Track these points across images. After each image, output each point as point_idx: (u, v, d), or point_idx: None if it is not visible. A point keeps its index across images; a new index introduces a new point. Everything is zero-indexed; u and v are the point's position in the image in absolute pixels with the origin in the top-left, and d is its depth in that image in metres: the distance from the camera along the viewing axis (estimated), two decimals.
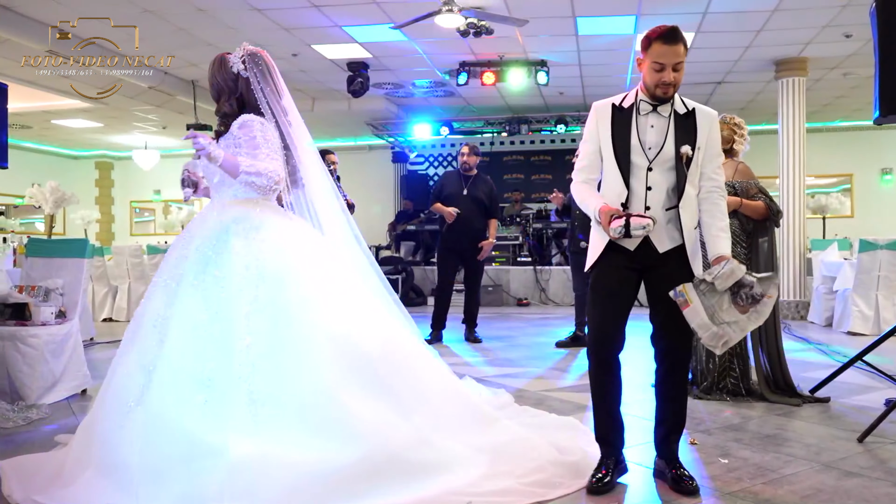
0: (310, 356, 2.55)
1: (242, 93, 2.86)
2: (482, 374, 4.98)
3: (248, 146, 2.76)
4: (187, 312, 2.57)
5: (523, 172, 14.73)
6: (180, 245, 2.79)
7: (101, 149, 15.93)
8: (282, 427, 2.43)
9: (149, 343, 2.57)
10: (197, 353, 2.50)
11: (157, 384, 2.47)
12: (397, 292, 10.73)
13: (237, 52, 2.91)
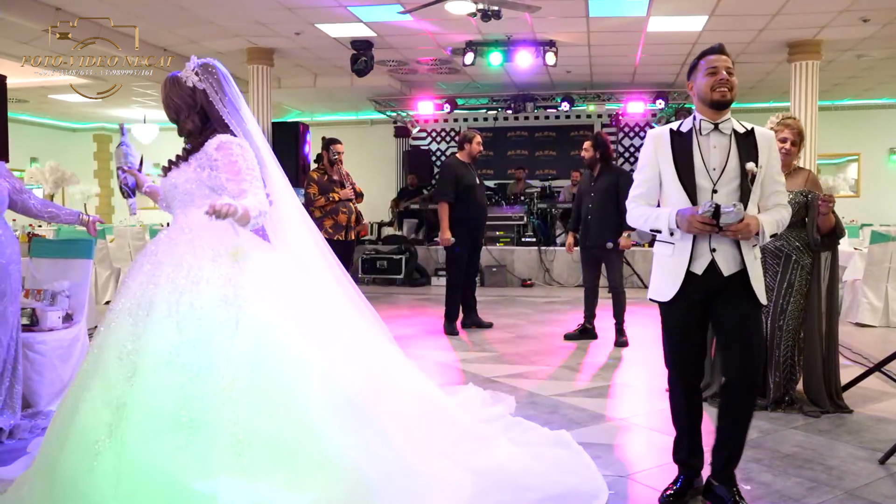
0: (294, 394, 2.44)
1: (203, 105, 2.71)
2: (491, 374, 4.94)
3: (229, 171, 2.60)
4: (160, 346, 2.40)
5: (528, 149, 14.57)
6: (146, 269, 2.59)
7: (99, 121, 15.73)
8: (269, 469, 2.32)
9: (115, 377, 2.38)
10: (173, 391, 2.34)
11: (128, 423, 2.29)
12: (401, 273, 10.77)
13: (188, 65, 2.75)
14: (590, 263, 6.21)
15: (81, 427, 2.35)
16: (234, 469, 2.27)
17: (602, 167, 6.01)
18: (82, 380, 2.48)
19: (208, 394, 2.34)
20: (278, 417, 2.38)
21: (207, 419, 2.31)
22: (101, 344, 2.50)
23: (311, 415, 2.43)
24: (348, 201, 6.36)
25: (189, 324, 2.43)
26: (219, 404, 2.33)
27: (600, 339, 6.11)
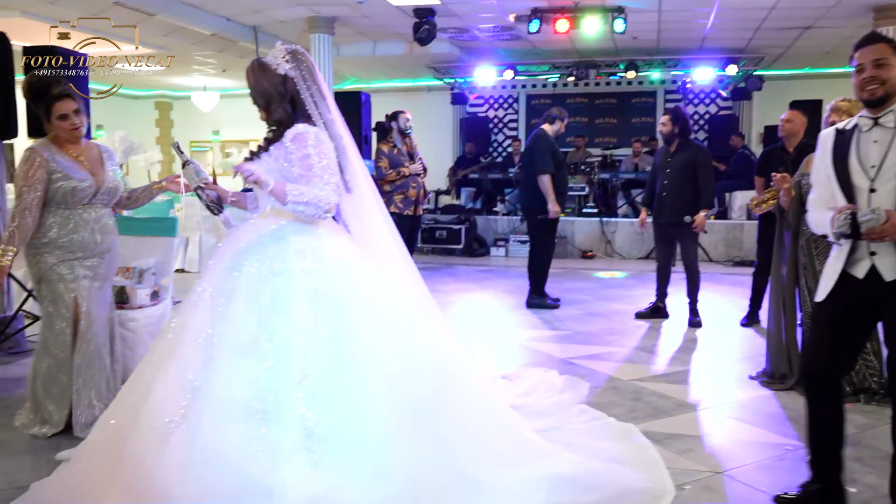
0: (366, 395, 2.43)
1: (293, 94, 2.66)
2: (566, 354, 4.90)
3: (302, 165, 2.59)
4: (239, 335, 2.41)
5: (587, 116, 14.28)
6: (230, 255, 2.61)
7: (160, 89, 15.95)
8: (338, 467, 2.31)
9: (192, 360, 2.41)
10: (249, 381, 2.35)
11: (201, 408, 2.31)
12: (460, 243, 10.73)
13: (275, 51, 2.69)
14: (663, 241, 6.07)
15: (154, 406, 2.37)
16: (303, 464, 2.28)
17: (680, 143, 5.81)
18: (159, 359, 2.50)
19: (283, 386, 2.35)
20: (349, 417, 2.39)
21: (281, 412, 2.32)
22: (181, 326, 2.53)
23: (379, 418, 2.43)
24: (417, 175, 6.32)
25: (269, 315, 2.44)
26: (293, 398, 2.34)
27: (672, 319, 6.00)
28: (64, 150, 3.42)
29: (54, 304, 3.39)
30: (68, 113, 3.35)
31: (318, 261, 2.56)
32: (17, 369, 4.58)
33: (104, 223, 3.50)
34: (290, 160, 2.60)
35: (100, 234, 3.46)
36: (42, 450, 3.22)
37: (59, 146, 3.43)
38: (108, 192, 3.49)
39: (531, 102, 14.55)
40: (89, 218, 3.43)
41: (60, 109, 3.35)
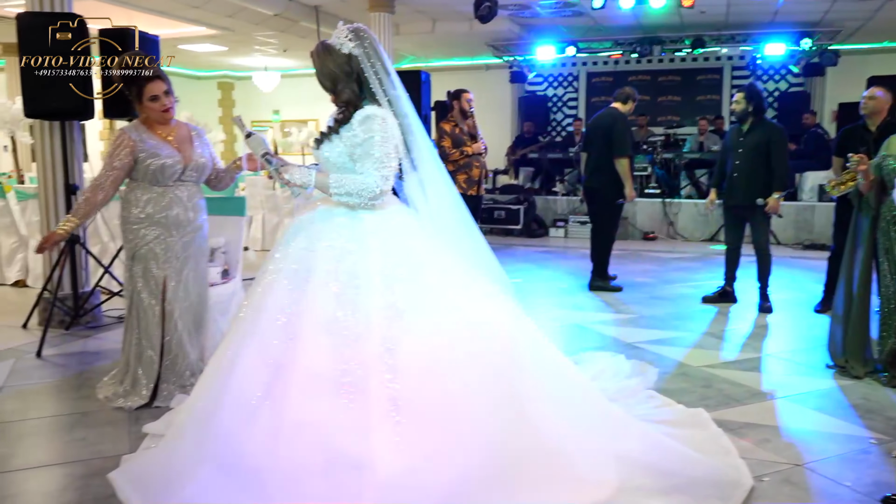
0: (449, 364, 2.44)
1: (358, 73, 2.64)
2: (632, 339, 4.81)
3: (363, 147, 2.59)
4: (319, 311, 2.43)
5: (649, 93, 13.88)
6: (303, 235, 2.62)
7: (222, 69, 16.22)
8: (424, 438, 2.32)
9: (271, 338, 2.44)
10: (332, 356, 2.38)
11: (286, 384, 2.35)
12: (518, 223, 10.64)
13: (338, 32, 2.67)
14: (733, 223, 5.88)
15: (238, 383, 2.42)
16: (389, 435, 2.29)
17: (754, 121, 5.60)
18: (239, 338, 2.54)
19: (368, 359, 2.37)
20: (433, 388, 2.40)
21: (366, 384, 2.34)
22: (259, 305, 2.55)
23: (461, 388, 2.43)
24: (479, 155, 6.27)
25: (348, 291, 2.46)
26: (376, 370, 2.36)
27: (741, 304, 5.82)
28: (153, 131, 3.52)
29: (145, 280, 3.52)
30: (159, 94, 3.44)
31: (390, 237, 2.57)
32: (95, 343, 4.76)
33: (196, 202, 3.58)
34: (354, 142, 2.60)
35: (192, 211, 3.56)
36: (122, 422, 3.33)
37: (149, 127, 3.53)
38: (196, 168, 3.56)
39: (592, 80, 14.26)
40: (182, 195, 3.53)
41: (151, 91, 3.43)
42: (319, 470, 2.23)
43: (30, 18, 4.67)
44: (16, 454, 3.00)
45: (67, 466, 2.85)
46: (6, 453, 3.00)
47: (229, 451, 2.34)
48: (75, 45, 4.61)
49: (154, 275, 3.51)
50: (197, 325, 3.64)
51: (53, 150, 5.00)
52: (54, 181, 5.03)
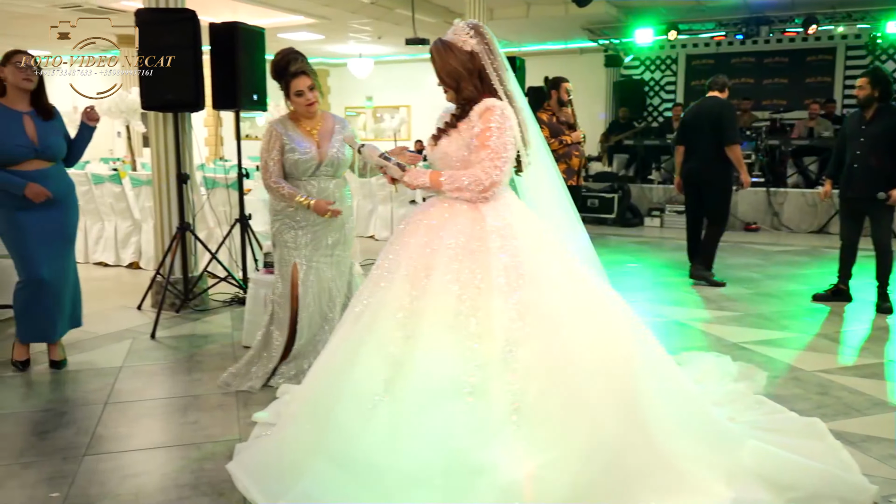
0: (571, 369, 2.39)
1: (479, 69, 2.62)
2: (738, 338, 4.60)
3: (479, 138, 2.56)
4: (441, 311, 2.41)
5: (754, 76, 13.24)
6: (421, 233, 2.61)
7: (318, 56, 16.55)
8: (546, 444, 2.27)
9: (390, 336, 2.43)
10: (454, 357, 2.35)
11: (406, 382, 2.34)
12: (612, 212, 10.39)
13: (457, 29, 2.65)
14: (851, 216, 5.51)
15: (358, 380, 2.42)
16: (511, 440, 2.25)
17: (879, 108, 5.21)
18: (358, 334, 2.54)
19: (489, 361, 2.33)
20: (554, 393, 2.34)
21: (488, 387, 2.30)
22: (379, 302, 2.54)
23: (582, 394, 2.37)
24: (578, 144, 6.14)
25: (470, 291, 2.43)
26: (499, 373, 2.32)
27: (856, 303, 5.48)
28: (298, 124, 3.68)
29: (280, 267, 3.74)
30: (303, 89, 3.58)
31: (512, 237, 2.54)
32: (203, 326, 4.97)
33: (328, 194, 3.67)
34: (473, 134, 2.58)
35: None
36: (231, 406, 3.46)
37: (295, 120, 3.69)
38: (330, 163, 3.66)
39: (691, 63, 13.71)
40: (312, 189, 3.65)
41: (297, 86, 3.58)
42: (439, 471, 2.23)
43: (147, 14, 4.88)
44: (135, 434, 3.17)
45: (182, 449, 2.98)
46: (127, 433, 3.17)
47: (346, 446, 2.36)
48: (188, 39, 4.79)
49: (286, 262, 3.72)
50: (325, 314, 3.75)
51: (167, 140, 5.22)
52: (167, 170, 5.26)
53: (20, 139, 3.66)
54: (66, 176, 3.96)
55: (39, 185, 3.68)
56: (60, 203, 3.86)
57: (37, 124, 3.74)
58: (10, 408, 3.45)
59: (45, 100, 3.83)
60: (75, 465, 2.82)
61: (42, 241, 3.78)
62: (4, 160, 3.64)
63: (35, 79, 3.75)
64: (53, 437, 3.10)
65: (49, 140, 3.76)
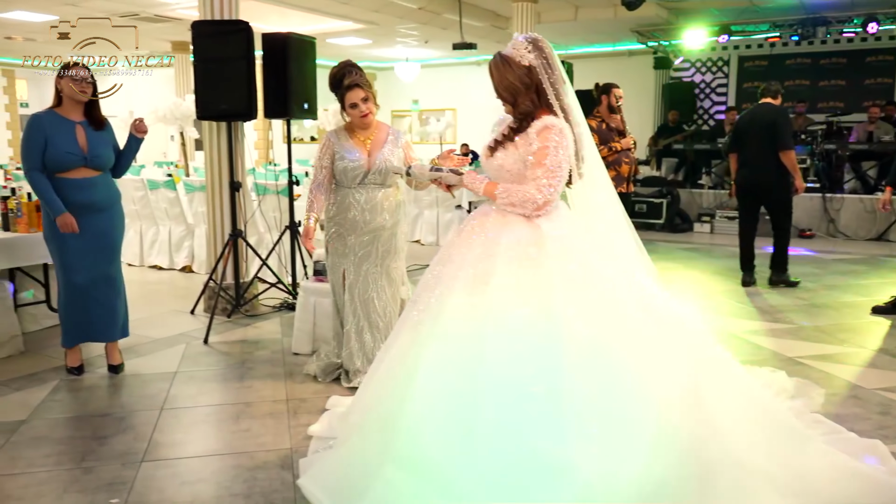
0: (637, 370, 2.44)
1: (537, 83, 2.66)
2: (793, 352, 4.47)
3: (536, 156, 2.60)
4: (506, 317, 2.44)
5: (809, 78, 12.90)
6: (481, 240, 2.63)
7: (364, 60, 16.70)
8: (617, 443, 2.33)
9: (454, 342, 2.46)
10: (523, 362, 2.39)
11: (476, 386, 2.38)
12: (661, 217, 10.23)
13: (515, 44, 2.68)
14: None
15: (425, 386, 2.45)
16: (582, 439, 2.31)
17: None
18: (419, 341, 2.56)
19: (557, 365, 2.39)
20: (622, 393, 2.40)
21: (558, 388, 2.36)
22: (439, 309, 2.56)
23: (650, 393, 2.42)
24: (628, 150, 6.07)
25: (531, 297, 2.47)
26: (566, 375, 2.37)
27: None
28: (352, 135, 3.78)
29: (332, 273, 3.90)
30: (357, 101, 3.68)
31: (569, 243, 2.59)
32: (254, 332, 5.06)
33: (375, 203, 3.73)
34: (531, 150, 2.61)
35: (370, 213, 3.73)
36: (282, 414, 3.52)
37: (349, 131, 3.80)
38: (378, 173, 3.72)
39: (744, 65, 13.42)
40: (360, 198, 3.74)
41: (351, 99, 3.68)
42: (518, 472, 2.27)
43: (203, 27, 4.99)
44: (190, 441, 3.24)
45: (235, 457, 3.04)
46: (182, 439, 3.25)
47: (417, 451, 2.39)
48: (242, 50, 4.88)
49: (336, 269, 3.86)
50: (374, 322, 3.81)
51: (220, 149, 5.33)
52: (220, 178, 5.37)
53: (71, 147, 3.79)
54: (114, 185, 4.07)
55: (72, 217, 3.77)
56: (105, 212, 3.97)
57: (88, 134, 3.87)
58: (73, 411, 3.57)
59: (97, 111, 3.95)
60: (133, 470, 2.90)
61: (83, 249, 3.88)
62: (55, 167, 3.78)
63: (89, 90, 3.87)
64: (112, 442, 3.19)
65: (98, 150, 3.87)
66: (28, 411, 3.54)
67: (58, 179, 3.80)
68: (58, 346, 4.25)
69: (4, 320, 4.40)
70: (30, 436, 3.25)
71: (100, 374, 4.12)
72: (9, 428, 3.33)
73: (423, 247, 9.09)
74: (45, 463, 2.97)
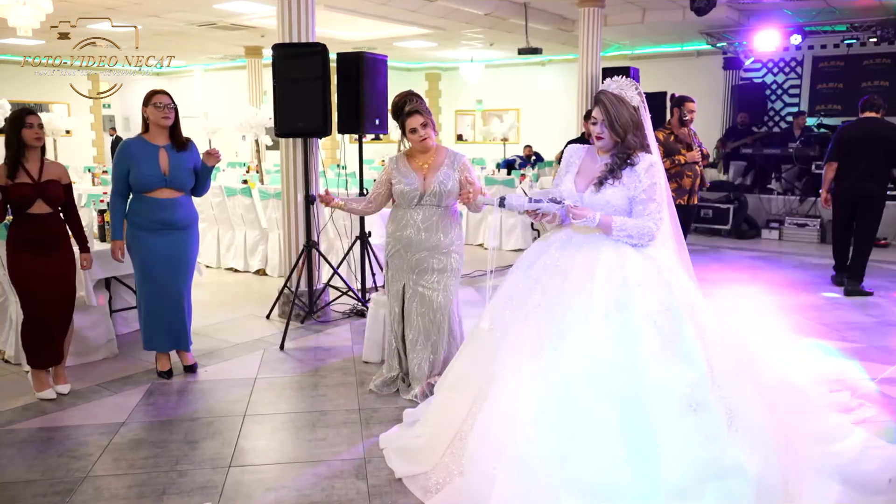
0: (750, 375, 2.81)
1: (641, 124, 2.95)
2: (856, 373, 4.44)
3: (647, 192, 2.89)
4: (647, 343, 2.65)
5: (888, 79, 12.40)
6: (580, 268, 2.84)
7: (429, 61, 16.93)
8: (752, 441, 2.59)
9: (603, 371, 2.63)
10: (671, 379, 2.61)
11: (633, 410, 2.58)
12: (727, 223, 10.10)
13: (622, 85, 2.92)
14: None
15: (587, 417, 2.59)
16: (735, 442, 2.56)
17: None
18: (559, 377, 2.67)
19: (700, 379, 2.63)
20: (747, 396, 2.70)
21: (706, 401, 2.60)
22: (577, 344, 2.69)
23: (752, 390, 2.74)
24: (694, 164, 6.08)
25: (664, 321, 2.71)
26: (709, 387, 2.63)
27: None
28: (411, 159, 3.99)
29: (389, 286, 4.11)
30: (416, 127, 3.89)
31: (676, 268, 2.92)
32: (327, 339, 5.32)
33: (431, 223, 3.93)
34: (638, 186, 2.88)
35: (425, 232, 3.93)
36: (355, 423, 3.74)
37: (409, 156, 4.01)
38: (433, 195, 3.91)
39: (818, 65, 13.01)
40: (417, 217, 3.94)
41: (411, 124, 3.89)
42: (698, 481, 2.48)
43: (283, 49, 5.26)
44: (273, 448, 3.50)
45: (313, 465, 3.27)
46: (266, 446, 3.51)
47: (596, 477, 2.51)
48: (318, 70, 5.13)
49: (395, 283, 4.06)
50: (429, 336, 3.99)
51: (296, 164, 5.60)
52: (295, 191, 5.64)
53: (152, 170, 4.15)
54: (193, 207, 4.40)
55: (123, 247, 4.24)
56: (183, 231, 4.31)
57: (170, 156, 4.22)
58: (165, 415, 3.88)
59: (179, 133, 4.29)
60: (223, 475, 3.17)
61: (156, 263, 4.23)
62: (139, 187, 4.17)
63: (172, 116, 4.21)
64: (203, 446, 3.47)
65: (178, 172, 4.22)
66: (126, 414, 3.87)
67: (143, 198, 4.17)
68: None
69: (101, 325, 4.78)
70: (129, 438, 3.57)
71: (186, 379, 4.43)
72: (110, 430, 3.66)
73: (486, 250, 9.24)
74: (144, 465, 3.27)
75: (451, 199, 3.96)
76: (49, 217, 3.95)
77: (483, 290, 6.98)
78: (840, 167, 6.65)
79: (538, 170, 12.41)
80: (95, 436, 3.58)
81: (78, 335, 4.57)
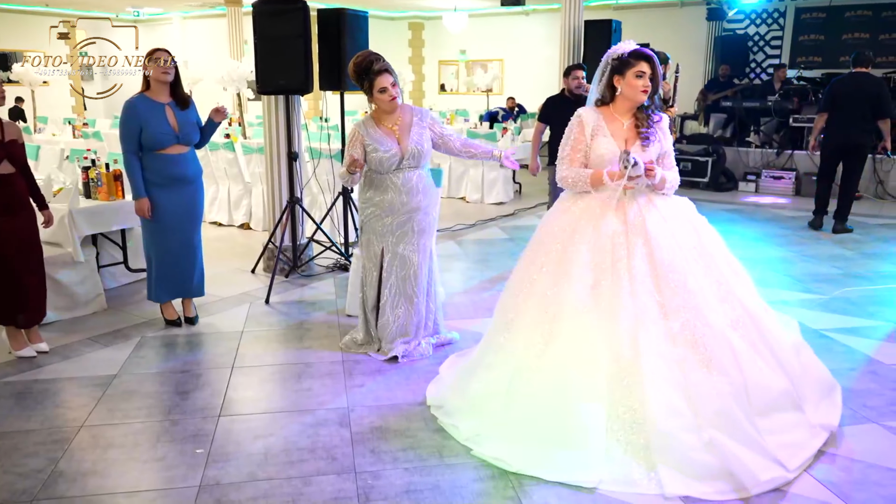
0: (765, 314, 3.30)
1: None
2: (818, 324, 4.64)
3: (669, 148, 3.30)
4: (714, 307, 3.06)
5: (868, 31, 12.49)
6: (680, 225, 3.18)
7: (412, 10, 16.70)
8: (781, 366, 3.16)
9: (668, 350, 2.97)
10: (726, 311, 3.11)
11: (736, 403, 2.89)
12: (705, 176, 10.25)
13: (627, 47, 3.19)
14: None
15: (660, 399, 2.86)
16: (766, 364, 3.10)
17: None
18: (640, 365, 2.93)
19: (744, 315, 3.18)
20: (765, 329, 3.20)
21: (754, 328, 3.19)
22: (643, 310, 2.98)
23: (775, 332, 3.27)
24: None
25: (724, 278, 3.23)
26: (755, 320, 3.21)
27: None
28: (380, 123, 3.94)
29: (367, 249, 4.11)
30: (387, 86, 3.85)
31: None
32: (311, 292, 5.47)
33: (411, 185, 3.95)
34: (665, 142, 3.26)
35: (406, 195, 3.95)
36: (338, 374, 3.92)
37: (377, 119, 3.96)
38: (412, 157, 3.93)
39: (800, 17, 13.04)
40: (397, 181, 3.95)
41: (381, 83, 3.84)
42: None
43: (262, 6, 5.24)
44: (260, 398, 3.67)
45: (299, 414, 3.45)
46: (254, 396, 3.69)
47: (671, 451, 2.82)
48: (299, 28, 5.14)
49: (373, 246, 4.07)
50: (409, 296, 4.10)
51: (278, 121, 5.65)
52: (278, 147, 5.70)
53: (165, 128, 4.24)
54: (198, 160, 4.54)
55: (149, 204, 4.29)
56: (191, 184, 4.45)
57: (176, 114, 4.31)
58: (156, 367, 4.04)
59: (181, 90, 4.37)
60: (213, 424, 3.35)
61: (172, 217, 4.38)
62: (152, 145, 4.24)
63: (172, 72, 4.26)
64: (193, 397, 3.64)
65: (186, 128, 4.34)
66: (117, 366, 4.02)
67: (156, 155, 4.28)
68: (137, 304, 4.73)
69: (90, 280, 4.89)
70: (122, 389, 3.73)
71: (175, 332, 4.58)
72: (103, 382, 3.81)
73: (467, 204, 9.36)
74: (138, 415, 3.44)
75: (427, 159, 4.03)
76: (13, 177, 3.93)
77: (464, 243, 7.14)
78: (831, 118, 7.34)
79: (521, 122, 12.44)
80: (89, 388, 3.74)
81: (67, 290, 4.69)
